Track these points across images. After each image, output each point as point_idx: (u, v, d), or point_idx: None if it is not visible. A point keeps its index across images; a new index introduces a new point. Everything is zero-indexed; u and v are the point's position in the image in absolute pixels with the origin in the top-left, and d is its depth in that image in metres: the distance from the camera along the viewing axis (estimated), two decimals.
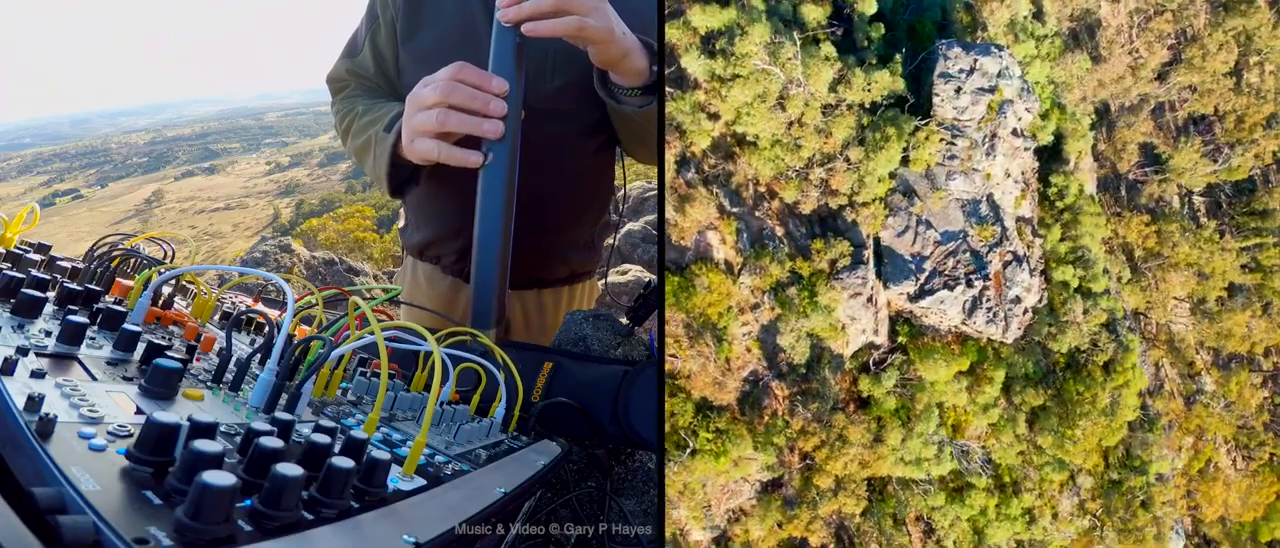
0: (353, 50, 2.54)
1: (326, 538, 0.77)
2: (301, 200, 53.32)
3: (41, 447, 0.72)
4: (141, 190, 67.83)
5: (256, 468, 0.79)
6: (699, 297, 3.98)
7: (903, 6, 4.97)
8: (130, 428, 0.84)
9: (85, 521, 0.60)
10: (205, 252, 42.68)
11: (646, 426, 1.76)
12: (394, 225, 20.06)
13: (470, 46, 2.06)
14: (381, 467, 0.93)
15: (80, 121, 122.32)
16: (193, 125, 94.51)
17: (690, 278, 4.02)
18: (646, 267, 8.22)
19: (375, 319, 1.30)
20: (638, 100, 2.04)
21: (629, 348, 2.15)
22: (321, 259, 12.04)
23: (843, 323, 4.28)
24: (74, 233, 48.22)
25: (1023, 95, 4.68)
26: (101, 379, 1.01)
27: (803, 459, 4.23)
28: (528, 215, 2.04)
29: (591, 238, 2.69)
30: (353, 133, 2.32)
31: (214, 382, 1.20)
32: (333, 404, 1.32)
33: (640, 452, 1.85)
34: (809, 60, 4.12)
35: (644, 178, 8.73)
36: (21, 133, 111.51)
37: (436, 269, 2.61)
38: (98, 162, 78.24)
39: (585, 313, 2.29)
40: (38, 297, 1.19)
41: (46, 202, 60.16)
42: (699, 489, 4.03)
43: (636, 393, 1.79)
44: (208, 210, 60.59)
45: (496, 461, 1.32)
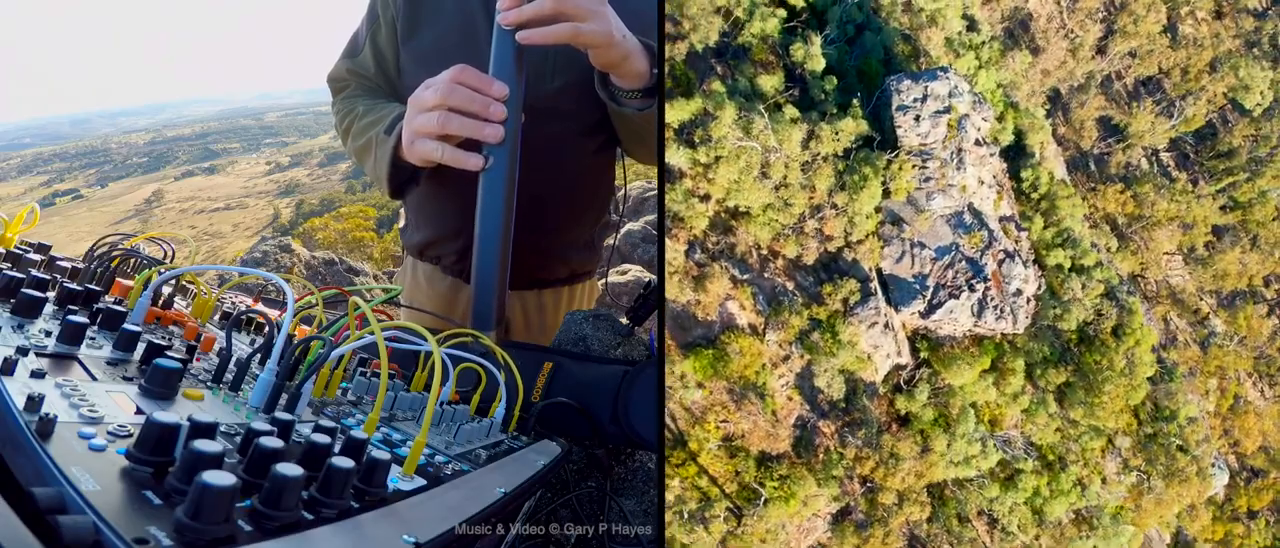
0: (353, 50, 2.54)
1: (326, 538, 0.77)
2: (301, 200, 53.33)
3: (41, 447, 0.72)
4: (141, 190, 67.85)
5: (256, 468, 0.79)
6: (734, 363, 4.28)
7: (846, 54, 5.20)
8: (130, 428, 0.84)
9: (85, 521, 0.60)
10: (205, 252, 42.70)
11: (646, 426, 1.76)
12: (394, 225, 20.07)
13: (470, 47, 2.06)
14: (381, 467, 0.93)
15: (80, 121, 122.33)
16: (193, 125, 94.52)
17: (723, 347, 4.32)
18: (646, 267, 8.21)
19: (375, 319, 1.30)
20: (638, 102, 2.04)
21: (629, 348, 2.15)
22: (321, 259, 12.04)
23: (868, 353, 4.60)
24: (74, 233, 48.22)
25: (976, 106, 4.96)
26: (101, 379, 1.01)
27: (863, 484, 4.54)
28: (528, 216, 2.04)
29: (591, 238, 2.69)
30: (353, 133, 2.32)
31: (214, 382, 1.20)
32: (333, 404, 1.32)
33: (640, 452, 1.85)
34: (778, 127, 4.43)
35: (644, 178, 8.72)
36: (21, 133, 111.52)
37: (437, 269, 2.61)
38: (98, 162, 78.25)
39: (585, 313, 2.29)
40: (38, 297, 1.19)
41: (46, 202, 60.16)
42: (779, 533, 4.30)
43: (636, 393, 1.79)
44: (208, 210, 60.60)
45: (496, 461, 1.32)
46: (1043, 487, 4.98)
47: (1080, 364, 5.28)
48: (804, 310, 4.55)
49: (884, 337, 4.67)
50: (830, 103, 4.78)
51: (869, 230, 4.70)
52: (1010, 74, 6.06)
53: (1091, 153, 6.64)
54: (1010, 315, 4.95)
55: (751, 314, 4.44)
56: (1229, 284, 6.67)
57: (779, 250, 4.62)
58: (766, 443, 4.35)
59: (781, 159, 4.45)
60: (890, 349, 4.73)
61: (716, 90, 4.46)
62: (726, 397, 4.29)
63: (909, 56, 5.38)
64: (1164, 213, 6.47)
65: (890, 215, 4.79)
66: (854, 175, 4.57)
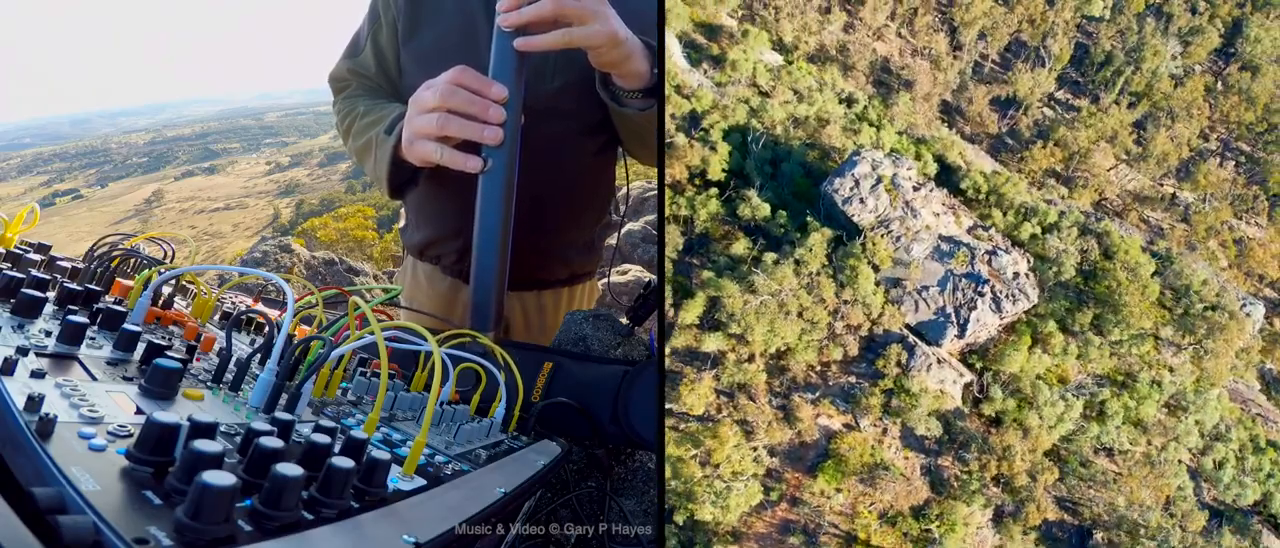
0: (354, 50, 2.54)
1: (326, 538, 0.77)
2: (301, 200, 53.32)
3: (41, 447, 0.72)
4: (141, 190, 67.83)
5: (256, 468, 0.79)
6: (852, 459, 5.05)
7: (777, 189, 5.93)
8: (130, 428, 0.84)
9: (85, 521, 0.60)
10: (205, 252, 42.69)
11: (646, 426, 1.76)
12: (394, 225, 20.06)
13: (470, 47, 2.06)
14: (381, 467, 0.93)
15: (80, 121, 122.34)
16: (193, 125, 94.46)
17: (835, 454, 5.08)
18: (646, 267, 8.20)
19: (375, 319, 1.30)
20: (639, 102, 2.04)
21: (629, 348, 2.15)
22: (321, 259, 12.03)
23: (939, 389, 5.45)
24: (74, 233, 48.18)
25: (897, 162, 5.87)
26: (101, 379, 1.01)
27: (997, 483, 5.34)
28: (528, 216, 2.04)
29: (591, 239, 2.69)
30: (354, 133, 2.32)
31: (214, 382, 1.19)
32: (333, 404, 1.32)
33: (640, 452, 1.85)
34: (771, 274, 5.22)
35: (644, 178, 8.70)
36: (21, 133, 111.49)
37: (437, 269, 2.61)
38: (98, 162, 78.21)
39: (585, 313, 2.29)
40: (38, 297, 1.19)
41: (46, 202, 60.13)
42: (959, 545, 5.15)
43: (636, 393, 1.79)
44: (208, 210, 60.59)
45: (496, 461, 1.32)
46: (1128, 403, 5.82)
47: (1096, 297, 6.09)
48: (874, 388, 5.35)
49: (942, 370, 5.48)
50: (791, 231, 5.61)
51: (880, 302, 5.51)
52: (902, 119, 6.75)
53: (1002, 133, 7.20)
54: (1021, 295, 5.78)
55: (840, 417, 5.26)
56: (1173, 158, 7.25)
57: (828, 359, 5.39)
58: (910, 499, 5.17)
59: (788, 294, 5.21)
60: (953, 376, 5.55)
61: (709, 278, 5.24)
62: (861, 486, 5.10)
63: (822, 159, 6.19)
64: (1087, 140, 7.04)
65: (888, 282, 5.57)
66: (845, 272, 5.43)
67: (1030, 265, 6.00)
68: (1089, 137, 7.06)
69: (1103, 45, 7.53)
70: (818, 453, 5.15)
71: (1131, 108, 7.36)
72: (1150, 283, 6.11)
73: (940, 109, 7.10)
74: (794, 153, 6.11)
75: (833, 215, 5.71)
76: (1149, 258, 6.27)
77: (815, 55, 6.91)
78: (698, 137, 5.77)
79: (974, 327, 5.62)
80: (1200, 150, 7.48)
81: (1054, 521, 5.43)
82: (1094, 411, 5.75)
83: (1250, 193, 7.37)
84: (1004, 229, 6.19)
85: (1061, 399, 5.60)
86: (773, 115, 6.22)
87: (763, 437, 5.11)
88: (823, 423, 5.23)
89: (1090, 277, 6.16)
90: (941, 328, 5.57)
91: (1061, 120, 7.22)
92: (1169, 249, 6.61)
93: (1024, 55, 7.45)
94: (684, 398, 5.07)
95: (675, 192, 5.63)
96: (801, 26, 6.84)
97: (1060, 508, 5.48)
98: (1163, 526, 5.37)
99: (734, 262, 5.43)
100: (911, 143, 6.56)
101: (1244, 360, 6.57)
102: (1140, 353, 6.01)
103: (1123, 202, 7.15)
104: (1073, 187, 7.05)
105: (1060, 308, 5.97)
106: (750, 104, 6.26)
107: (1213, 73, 7.83)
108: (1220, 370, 6.14)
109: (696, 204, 5.62)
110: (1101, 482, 5.55)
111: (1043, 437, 5.51)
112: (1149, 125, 7.35)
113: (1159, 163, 7.25)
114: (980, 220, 6.13)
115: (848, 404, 5.32)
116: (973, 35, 7.29)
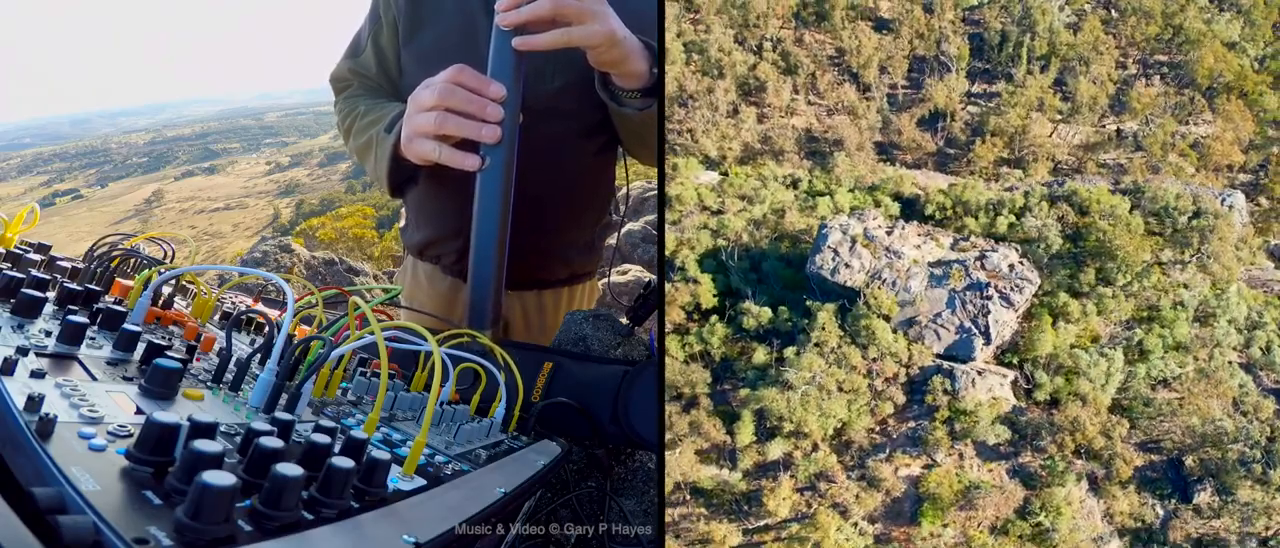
0: (355, 50, 2.55)
1: (326, 538, 0.77)
2: (301, 200, 53.31)
3: (41, 447, 0.72)
4: (141, 190, 67.82)
5: (256, 468, 0.79)
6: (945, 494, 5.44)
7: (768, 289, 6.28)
8: (130, 428, 0.84)
9: (85, 521, 0.60)
10: (205, 252, 42.70)
11: (646, 426, 1.76)
12: (394, 225, 20.07)
13: (470, 47, 2.07)
14: (381, 467, 0.93)
15: (80, 121, 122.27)
16: (193, 125, 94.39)
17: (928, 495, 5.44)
18: (646, 267, 8.21)
19: (375, 319, 1.30)
20: (639, 102, 2.04)
21: (629, 348, 2.15)
22: (321, 259, 12.02)
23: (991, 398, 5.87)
24: (74, 233, 48.16)
25: (860, 217, 6.34)
26: (101, 379, 1.01)
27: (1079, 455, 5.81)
28: (527, 216, 2.04)
29: (591, 239, 2.69)
30: (354, 132, 2.32)
31: (214, 382, 1.19)
32: (333, 404, 1.32)
33: (640, 452, 1.85)
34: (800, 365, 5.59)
35: (644, 178, 8.71)
36: (21, 133, 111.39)
37: (437, 269, 2.61)
38: (98, 162, 78.18)
39: (585, 313, 2.29)
40: (38, 297, 1.19)
41: (46, 202, 60.10)
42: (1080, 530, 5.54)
43: (636, 393, 1.79)
44: (208, 210, 60.58)
45: (496, 461, 1.32)
46: (1161, 332, 6.17)
47: (1090, 253, 6.45)
48: (934, 423, 5.67)
49: (986, 379, 5.83)
50: (798, 321, 5.94)
51: (906, 346, 5.83)
52: (847, 177, 7.12)
53: (941, 147, 7.45)
54: (1024, 282, 6.13)
55: (916, 462, 5.63)
56: (1102, 98, 7.52)
57: (882, 416, 5.72)
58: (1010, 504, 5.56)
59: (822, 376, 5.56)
60: (998, 380, 5.91)
61: (747, 395, 5.59)
62: (962, 513, 5.47)
63: (794, 245, 6.57)
64: (1018, 118, 7.29)
65: (903, 325, 5.90)
66: (861, 334, 5.76)
67: (1020, 253, 6.33)
68: (1019, 114, 7.32)
69: (993, 27, 7.82)
70: (911, 502, 5.52)
71: (1044, 71, 7.61)
72: (1132, 219, 6.46)
73: (877, 151, 7.42)
74: (768, 251, 6.49)
75: (827, 290, 6.08)
76: (1121, 197, 6.63)
77: (744, 156, 7.27)
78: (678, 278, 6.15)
79: (996, 329, 5.95)
80: (1123, 79, 7.75)
81: (1143, 465, 5.80)
82: (1135, 353, 6.12)
83: (1186, 96, 7.63)
84: (981, 231, 6.58)
85: (1101, 356, 5.95)
86: (733, 227, 6.57)
87: (857, 510, 5.45)
88: (904, 474, 5.57)
89: (1077, 238, 6.50)
90: (968, 343, 5.90)
91: (988, 111, 7.48)
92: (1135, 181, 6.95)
93: (928, 69, 7.73)
94: (769, 505, 5.40)
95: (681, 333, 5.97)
96: (720, 137, 7.17)
97: (1144, 452, 5.86)
98: (1240, 424, 5.72)
99: (761, 371, 5.74)
100: (865, 194, 6.99)
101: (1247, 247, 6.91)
102: (1152, 284, 6.38)
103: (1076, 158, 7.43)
104: (1025, 166, 7.36)
105: (1063, 278, 6.31)
106: (709, 227, 6.60)
107: (1103, 4, 8.15)
108: (1229, 267, 6.48)
109: (705, 336, 5.92)
110: (1170, 412, 5.91)
111: (1100, 397, 5.88)
112: (1068, 79, 7.61)
113: (1091, 108, 7.50)
114: (957, 234, 6.50)
115: (918, 447, 5.64)
116: (874, 73, 7.60)
